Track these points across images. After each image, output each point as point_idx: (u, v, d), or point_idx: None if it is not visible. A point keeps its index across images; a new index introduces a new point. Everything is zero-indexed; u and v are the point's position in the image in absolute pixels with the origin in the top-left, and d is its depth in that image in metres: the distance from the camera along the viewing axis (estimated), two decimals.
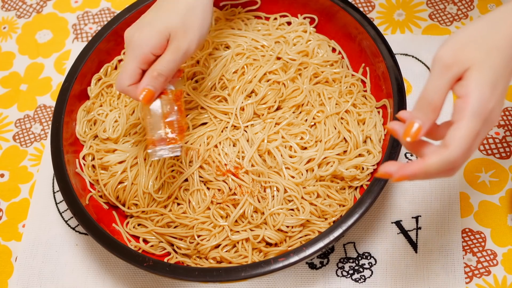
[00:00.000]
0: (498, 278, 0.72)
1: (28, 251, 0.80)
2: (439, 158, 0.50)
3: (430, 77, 0.52)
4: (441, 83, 0.51)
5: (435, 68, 0.52)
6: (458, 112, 0.50)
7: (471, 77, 0.50)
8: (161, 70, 0.64)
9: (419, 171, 0.51)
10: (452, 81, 0.51)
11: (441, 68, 0.51)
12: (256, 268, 0.64)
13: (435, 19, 0.90)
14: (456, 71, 0.51)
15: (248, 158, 0.71)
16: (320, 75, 0.79)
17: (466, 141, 0.50)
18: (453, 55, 0.51)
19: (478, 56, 0.51)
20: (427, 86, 0.52)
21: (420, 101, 0.53)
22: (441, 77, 0.51)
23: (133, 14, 0.82)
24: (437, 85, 0.51)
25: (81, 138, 0.79)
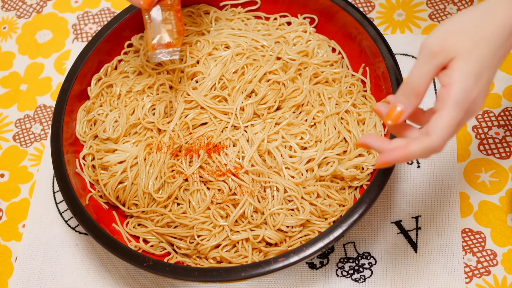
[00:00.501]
0: (498, 278, 0.72)
1: (28, 251, 0.80)
2: (420, 146, 0.51)
3: (416, 64, 0.53)
4: (426, 70, 0.52)
5: (421, 55, 0.52)
6: (441, 101, 0.51)
7: (455, 67, 0.51)
8: None
9: (401, 158, 0.52)
10: (437, 69, 0.52)
11: (427, 55, 0.52)
12: (256, 268, 0.64)
13: (435, 19, 0.90)
14: (442, 59, 0.52)
15: (248, 158, 0.71)
16: (320, 75, 0.79)
17: (448, 130, 0.51)
18: (440, 43, 0.52)
19: (465, 45, 0.51)
20: (412, 72, 0.53)
21: (404, 86, 0.54)
22: (427, 64, 0.52)
23: (133, 14, 0.82)
24: (422, 71, 0.52)
25: (81, 138, 0.79)
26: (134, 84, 0.80)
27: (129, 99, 0.79)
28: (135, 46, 0.84)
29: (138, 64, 0.82)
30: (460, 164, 0.79)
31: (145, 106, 0.77)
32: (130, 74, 0.82)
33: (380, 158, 0.53)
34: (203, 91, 0.77)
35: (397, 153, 0.52)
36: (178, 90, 0.78)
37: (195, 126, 0.76)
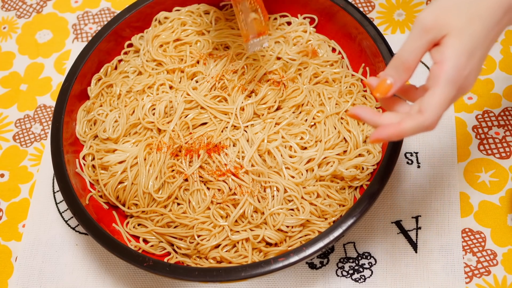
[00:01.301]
0: (498, 278, 0.72)
1: (28, 251, 0.80)
2: (413, 123, 0.51)
3: (408, 38, 0.53)
4: (417, 45, 0.52)
5: (414, 30, 0.52)
6: (433, 78, 0.51)
7: (448, 44, 0.51)
8: None
9: (394, 134, 0.52)
10: (429, 45, 0.52)
11: (420, 30, 0.52)
12: (256, 268, 0.64)
13: None
14: (434, 35, 0.51)
15: (248, 158, 0.71)
16: (320, 75, 0.79)
17: (440, 107, 0.51)
18: (434, 19, 0.51)
19: (458, 22, 0.51)
20: (403, 47, 0.53)
21: (395, 60, 0.53)
22: (418, 39, 0.52)
23: (133, 14, 0.82)
24: (413, 46, 0.52)
25: (81, 138, 0.79)
26: (134, 84, 0.80)
27: (129, 99, 0.79)
28: (135, 46, 0.84)
29: (138, 64, 0.82)
30: (460, 164, 0.79)
31: (145, 106, 0.77)
32: (130, 74, 0.82)
33: (374, 135, 0.53)
34: (203, 91, 0.77)
35: (391, 130, 0.52)
36: (178, 90, 0.78)
37: (195, 126, 0.76)
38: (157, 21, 0.84)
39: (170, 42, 0.82)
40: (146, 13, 0.84)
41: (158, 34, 0.82)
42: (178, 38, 0.82)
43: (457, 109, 0.82)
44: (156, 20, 0.84)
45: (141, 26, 0.84)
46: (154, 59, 0.81)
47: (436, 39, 0.52)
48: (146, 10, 0.83)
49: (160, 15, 0.84)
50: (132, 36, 0.85)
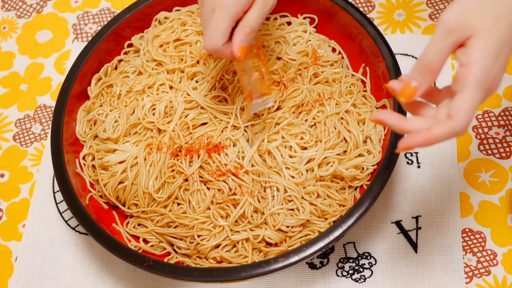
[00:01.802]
0: (498, 278, 0.72)
1: (28, 251, 0.80)
2: (444, 130, 0.50)
3: (432, 40, 0.51)
4: (442, 47, 0.51)
5: (438, 31, 0.51)
6: (460, 81, 0.50)
7: (474, 45, 0.49)
8: (253, 26, 0.63)
9: (424, 142, 0.50)
10: (454, 46, 0.51)
11: (444, 31, 0.50)
12: (256, 268, 0.64)
13: (435, 19, 0.90)
14: (459, 36, 0.50)
15: (248, 158, 0.71)
16: (320, 75, 0.79)
17: (471, 111, 0.49)
18: (458, 19, 0.50)
19: (483, 22, 0.50)
20: (427, 49, 0.51)
21: (419, 63, 0.52)
22: (443, 41, 0.50)
23: (133, 14, 0.82)
24: (438, 48, 0.51)
25: (81, 138, 0.79)
26: (134, 84, 0.80)
27: (129, 99, 0.79)
28: (135, 46, 0.84)
29: (138, 64, 0.82)
30: (460, 164, 0.79)
31: (145, 106, 0.77)
32: (130, 74, 0.82)
33: (403, 143, 0.51)
34: (203, 91, 0.77)
35: (420, 137, 0.50)
36: (178, 90, 0.78)
37: (195, 126, 0.76)
38: (157, 21, 0.84)
39: (170, 42, 0.81)
40: (146, 13, 0.84)
41: (158, 34, 0.82)
42: (178, 38, 0.82)
43: None
44: (156, 20, 0.84)
45: (141, 26, 0.84)
46: (154, 59, 0.81)
47: (460, 40, 0.50)
48: (146, 10, 0.83)
49: (160, 15, 0.84)
50: (132, 36, 0.85)
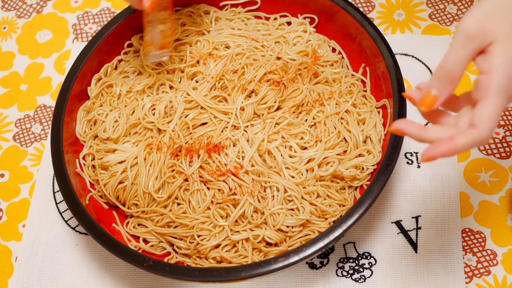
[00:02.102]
0: (498, 278, 0.72)
1: (28, 251, 0.80)
2: (468, 139, 0.49)
3: (452, 47, 0.50)
4: (463, 54, 0.50)
5: (458, 38, 0.50)
6: (482, 89, 0.49)
7: (495, 52, 0.49)
8: None
9: (448, 152, 0.50)
10: (474, 53, 0.50)
11: (464, 38, 0.49)
12: (256, 268, 0.64)
13: (435, 19, 0.90)
14: (480, 43, 0.49)
15: (248, 158, 0.71)
16: (320, 75, 0.79)
17: (494, 120, 0.49)
18: (477, 26, 0.49)
19: (503, 28, 0.49)
20: (447, 56, 0.50)
21: (439, 71, 0.51)
22: (463, 48, 0.50)
23: (133, 14, 0.82)
24: (458, 56, 0.50)
25: (81, 138, 0.79)
26: (134, 84, 0.80)
27: (129, 99, 0.79)
28: (135, 46, 0.84)
29: (138, 64, 0.82)
30: (460, 164, 0.79)
31: (145, 106, 0.77)
32: (130, 74, 0.82)
33: (426, 153, 0.50)
34: (203, 91, 0.77)
35: (443, 147, 0.49)
36: (178, 90, 0.78)
37: (195, 126, 0.76)
38: None
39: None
40: None
41: None
42: (178, 38, 0.82)
43: None
44: None
45: (141, 26, 0.84)
46: None
47: (481, 47, 0.50)
48: None
49: None
50: (132, 36, 0.85)
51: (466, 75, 0.85)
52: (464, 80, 0.84)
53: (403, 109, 0.70)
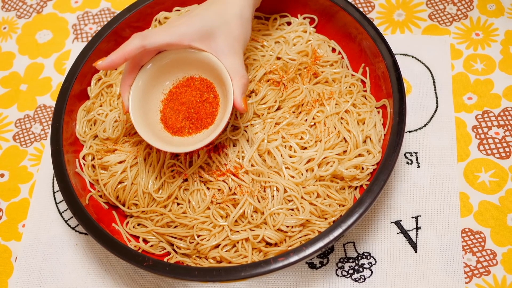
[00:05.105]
0: (497, 278, 0.72)
1: (28, 251, 0.80)
2: None
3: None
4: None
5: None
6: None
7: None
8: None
9: None
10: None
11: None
12: (256, 267, 0.64)
13: (435, 19, 0.90)
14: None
15: (248, 158, 0.71)
16: (320, 75, 0.79)
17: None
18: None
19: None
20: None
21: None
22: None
23: (133, 14, 0.82)
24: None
25: (81, 138, 0.79)
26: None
27: None
28: None
29: None
30: (460, 164, 0.79)
31: None
32: None
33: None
34: None
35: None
36: None
37: None
38: (157, 21, 0.84)
39: None
40: (146, 13, 0.84)
41: None
42: None
43: (457, 109, 0.82)
44: (156, 20, 0.84)
45: (141, 26, 0.84)
46: None
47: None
48: (146, 10, 0.83)
49: (160, 15, 0.84)
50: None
51: (466, 75, 0.85)
52: (464, 80, 0.84)
53: (403, 109, 0.70)
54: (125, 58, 0.65)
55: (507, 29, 0.88)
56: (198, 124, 0.70)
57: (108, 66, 0.65)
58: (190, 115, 0.70)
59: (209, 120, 0.70)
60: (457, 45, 0.87)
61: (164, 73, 0.71)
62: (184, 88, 0.72)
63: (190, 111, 0.70)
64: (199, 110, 0.70)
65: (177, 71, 0.72)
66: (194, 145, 0.66)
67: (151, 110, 0.71)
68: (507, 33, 0.87)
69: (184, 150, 0.66)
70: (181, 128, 0.70)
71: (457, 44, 0.87)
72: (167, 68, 0.71)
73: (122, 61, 0.65)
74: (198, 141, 0.67)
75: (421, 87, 0.84)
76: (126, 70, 0.69)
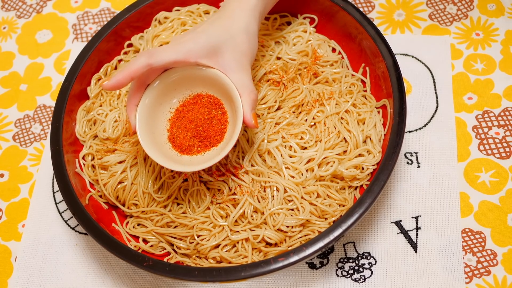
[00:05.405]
0: (498, 278, 0.72)
1: (27, 251, 0.80)
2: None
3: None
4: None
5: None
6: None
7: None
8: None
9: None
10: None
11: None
12: (256, 268, 0.64)
13: (435, 19, 0.90)
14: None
15: (248, 158, 0.71)
16: (320, 75, 0.79)
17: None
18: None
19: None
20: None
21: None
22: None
23: (133, 14, 0.82)
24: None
25: (81, 138, 0.79)
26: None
27: None
28: (135, 46, 0.84)
29: None
30: (460, 164, 0.79)
31: None
32: None
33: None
34: None
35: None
36: None
37: None
38: (157, 21, 0.84)
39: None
40: (146, 13, 0.84)
41: (158, 34, 0.82)
42: None
43: (457, 109, 0.82)
44: (156, 20, 0.84)
45: (141, 26, 0.84)
46: None
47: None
48: (146, 10, 0.83)
49: (160, 15, 0.84)
50: (132, 36, 0.85)
51: (466, 75, 0.85)
52: (464, 80, 0.84)
53: (403, 109, 0.70)
54: (132, 77, 0.65)
55: (507, 29, 0.88)
56: (207, 142, 0.69)
57: (114, 86, 0.65)
58: (198, 133, 0.69)
59: (218, 138, 0.69)
60: (457, 45, 0.87)
61: (171, 91, 0.71)
62: (191, 106, 0.71)
63: (198, 129, 0.69)
64: (208, 128, 0.69)
65: (184, 89, 0.71)
66: (204, 164, 0.65)
67: (158, 129, 0.71)
68: (507, 33, 0.87)
69: (195, 169, 0.65)
70: (190, 147, 0.69)
71: (457, 44, 0.87)
72: (173, 86, 0.70)
73: (128, 80, 0.65)
74: (208, 159, 0.66)
75: (421, 87, 0.84)
76: (132, 89, 0.69)
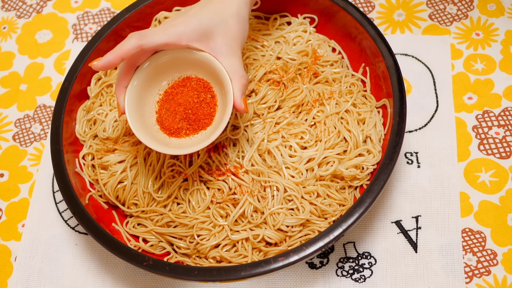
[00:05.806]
0: (498, 278, 0.72)
1: (27, 250, 0.80)
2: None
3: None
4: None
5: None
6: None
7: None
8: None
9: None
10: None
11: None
12: (256, 267, 0.64)
13: (435, 19, 0.90)
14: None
15: (248, 158, 0.71)
16: (320, 75, 0.79)
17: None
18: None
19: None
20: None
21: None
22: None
23: (133, 14, 0.82)
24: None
25: (81, 137, 0.79)
26: None
27: None
28: None
29: None
30: (460, 164, 0.79)
31: None
32: None
33: None
34: None
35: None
36: None
37: None
38: (157, 21, 0.84)
39: None
40: (146, 13, 0.84)
41: None
42: None
43: (457, 109, 0.82)
44: (156, 20, 0.84)
45: (141, 26, 0.84)
46: None
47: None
48: (146, 10, 0.83)
49: (160, 15, 0.84)
50: None
51: (466, 75, 0.85)
52: (464, 80, 0.84)
53: (403, 108, 0.70)
54: (122, 58, 0.65)
55: (508, 29, 0.88)
56: (195, 125, 0.69)
57: (104, 66, 0.65)
58: (187, 116, 0.70)
59: (207, 121, 0.69)
60: (457, 45, 0.87)
61: (160, 73, 0.71)
62: (180, 88, 0.71)
63: (187, 112, 0.70)
64: (197, 111, 0.69)
65: (173, 71, 0.71)
66: (193, 147, 0.66)
67: (147, 111, 0.71)
68: (508, 33, 0.87)
69: (184, 152, 0.66)
70: (178, 130, 0.70)
71: (457, 44, 0.87)
72: (163, 68, 0.70)
73: (119, 60, 0.65)
74: (197, 143, 0.67)
75: (421, 87, 0.84)
76: (122, 71, 0.68)
